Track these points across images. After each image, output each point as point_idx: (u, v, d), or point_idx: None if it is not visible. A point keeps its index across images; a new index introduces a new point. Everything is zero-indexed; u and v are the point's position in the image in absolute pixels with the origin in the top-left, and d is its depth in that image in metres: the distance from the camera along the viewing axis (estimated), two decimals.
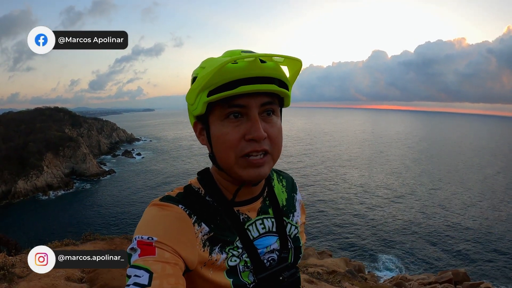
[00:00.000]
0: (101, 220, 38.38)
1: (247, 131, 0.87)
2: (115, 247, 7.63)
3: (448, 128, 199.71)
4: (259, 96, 0.88)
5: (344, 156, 79.70)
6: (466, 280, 16.91)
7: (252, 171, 0.90)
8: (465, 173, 61.60)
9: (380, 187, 50.68)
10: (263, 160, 0.90)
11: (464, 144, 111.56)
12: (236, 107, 0.87)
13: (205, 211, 0.96)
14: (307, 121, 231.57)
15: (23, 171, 48.93)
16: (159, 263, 0.77)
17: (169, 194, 0.99)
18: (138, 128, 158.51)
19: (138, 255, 0.80)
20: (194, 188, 1.02)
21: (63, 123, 67.78)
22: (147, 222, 0.89)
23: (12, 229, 29.47)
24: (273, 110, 0.92)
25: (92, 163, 60.19)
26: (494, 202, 43.26)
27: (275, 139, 0.92)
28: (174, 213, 0.91)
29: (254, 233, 1.02)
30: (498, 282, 23.24)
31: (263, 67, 0.87)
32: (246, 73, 0.84)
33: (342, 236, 32.08)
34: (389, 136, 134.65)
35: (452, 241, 30.69)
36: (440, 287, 14.15)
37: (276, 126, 0.93)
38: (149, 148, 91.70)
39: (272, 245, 1.05)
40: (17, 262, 6.01)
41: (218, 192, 1.01)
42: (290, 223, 1.14)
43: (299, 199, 1.26)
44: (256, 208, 1.06)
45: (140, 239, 0.82)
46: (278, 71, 0.90)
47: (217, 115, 0.90)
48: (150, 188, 51.53)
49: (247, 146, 0.88)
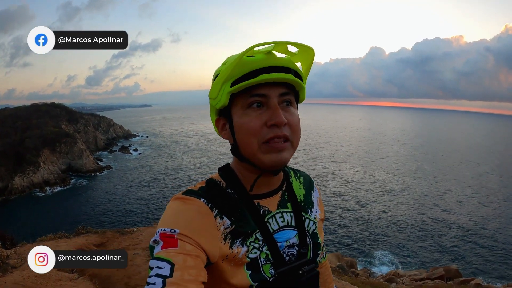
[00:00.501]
0: (97, 215, 38.44)
1: (269, 118, 0.91)
2: (107, 240, 7.77)
3: (445, 125, 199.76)
4: (278, 86, 0.93)
5: (341, 152, 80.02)
6: (457, 276, 17.09)
7: (274, 155, 0.93)
8: (460, 170, 61.99)
9: (376, 183, 50.96)
10: (284, 145, 0.94)
11: (460, 141, 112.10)
12: (258, 97, 0.92)
13: (226, 204, 0.98)
14: (305, 117, 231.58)
15: (19, 167, 48.89)
16: (181, 255, 0.79)
17: (191, 188, 1.01)
18: (135, 124, 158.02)
19: (160, 247, 0.81)
20: (215, 181, 1.04)
21: (59, 119, 67.52)
22: (169, 215, 0.90)
23: (8, 225, 29.49)
24: (290, 101, 0.98)
25: (89, 159, 60.15)
26: (488, 199, 43.65)
27: (294, 127, 0.96)
28: (196, 207, 0.93)
29: (274, 225, 1.05)
30: (490, 279, 23.45)
31: (279, 58, 0.94)
32: (265, 62, 0.90)
33: (336, 232, 32.30)
34: (386, 132, 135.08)
35: (447, 238, 31.02)
36: (431, 283, 14.30)
37: (295, 116, 0.98)
38: (146, 144, 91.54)
39: (292, 239, 1.08)
40: (12, 254, 6.19)
41: (239, 184, 1.04)
42: (309, 218, 1.18)
43: (316, 196, 1.29)
44: (275, 202, 1.09)
45: (163, 232, 0.84)
46: (293, 63, 0.97)
47: (240, 106, 0.95)
48: (147, 184, 51.64)
49: (269, 132, 0.92)
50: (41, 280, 4.94)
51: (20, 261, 5.93)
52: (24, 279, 4.87)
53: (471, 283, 13.47)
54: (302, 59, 1.03)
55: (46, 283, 4.89)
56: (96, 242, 7.55)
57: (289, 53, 1.00)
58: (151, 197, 45.07)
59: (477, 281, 14.62)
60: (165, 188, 48.95)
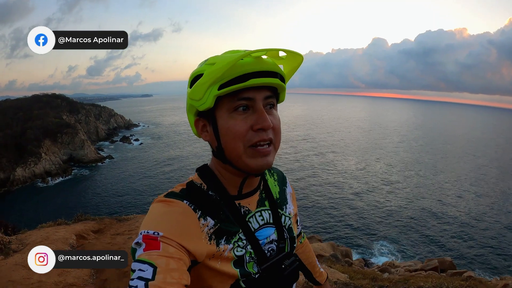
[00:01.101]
0: (97, 204, 38.89)
1: (255, 122, 0.93)
2: (104, 227, 8.01)
3: (446, 118, 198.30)
4: (263, 90, 0.95)
5: (341, 143, 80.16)
6: (452, 268, 17.25)
7: (260, 160, 0.95)
8: (458, 163, 62.15)
9: (375, 175, 51.12)
10: (269, 149, 0.96)
11: (461, 134, 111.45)
12: (244, 100, 0.93)
13: (209, 206, 1.00)
14: (306, 108, 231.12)
15: (21, 158, 49.23)
16: (163, 258, 0.79)
17: (173, 190, 1.02)
18: (136, 114, 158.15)
19: (143, 249, 0.81)
20: (196, 184, 1.05)
21: (60, 110, 67.53)
22: (152, 218, 0.91)
23: (10, 215, 29.76)
24: (274, 104, 1.01)
25: (90, 149, 60.46)
26: (485, 193, 43.92)
27: (277, 130, 0.99)
28: (179, 208, 0.94)
29: (254, 224, 1.08)
30: (482, 270, 23.84)
31: (268, 62, 0.95)
32: (255, 67, 0.91)
33: (333, 222, 32.65)
34: (386, 124, 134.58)
35: (444, 230, 31.32)
36: (424, 274, 14.48)
37: (277, 118, 1.00)
38: (147, 134, 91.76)
39: (271, 236, 1.12)
40: (13, 240, 6.50)
41: (221, 186, 1.05)
42: (284, 215, 1.22)
43: (289, 192, 1.34)
44: (255, 201, 1.12)
45: (145, 234, 0.84)
46: (278, 66, 0.98)
47: (225, 109, 0.95)
48: (148, 173, 52.05)
49: (255, 136, 0.93)
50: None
51: (21, 245, 6.24)
52: (24, 260, 5.16)
53: (463, 275, 13.62)
54: (289, 63, 1.07)
55: None
56: (94, 228, 7.81)
57: (279, 57, 1.05)
58: (150, 186, 45.44)
59: (469, 273, 14.78)
60: (165, 178, 49.29)
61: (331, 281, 6.37)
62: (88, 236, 7.31)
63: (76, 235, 7.08)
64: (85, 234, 7.33)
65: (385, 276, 11.45)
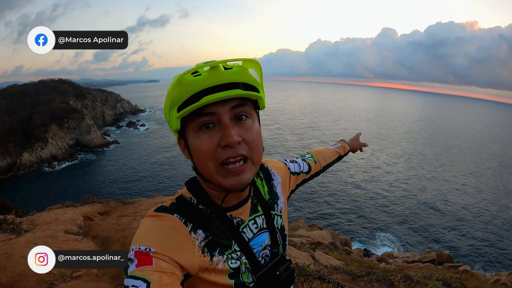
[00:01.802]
0: (103, 188, 39.44)
1: (220, 138, 0.89)
2: (110, 209, 8.33)
3: (453, 111, 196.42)
4: (227, 101, 0.90)
5: (346, 132, 79.77)
6: (449, 261, 17.51)
7: (233, 179, 0.92)
8: (463, 157, 61.93)
9: (381, 166, 51.31)
10: (243, 167, 0.92)
11: (466, 128, 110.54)
12: (206, 116, 0.89)
13: (200, 219, 0.98)
14: (312, 96, 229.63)
15: (28, 143, 49.67)
16: (156, 273, 0.78)
17: (163, 204, 1.00)
18: (143, 99, 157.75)
19: (135, 265, 0.80)
20: (186, 198, 1.03)
21: (67, 95, 67.71)
22: (143, 233, 0.90)
23: (18, 198, 30.13)
24: (246, 113, 0.94)
25: (97, 134, 60.88)
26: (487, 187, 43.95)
27: (251, 143, 0.93)
28: (170, 222, 0.93)
29: (248, 234, 1.07)
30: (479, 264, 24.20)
31: (224, 73, 0.89)
32: (206, 83, 0.87)
33: (337, 213, 32.94)
34: (393, 115, 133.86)
35: (445, 223, 31.63)
36: (421, 265, 14.69)
37: (252, 129, 0.95)
38: (153, 119, 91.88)
39: (265, 241, 1.12)
40: (24, 221, 6.85)
41: (209, 200, 1.03)
42: (277, 214, 1.21)
43: (278, 182, 1.30)
44: (247, 210, 1.10)
45: (137, 250, 0.83)
46: (243, 75, 0.92)
47: (191, 128, 0.92)
48: (152, 158, 52.56)
49: (223, 153, 0.89)
50: (51, 239, 5.56)
51: (31, 226, 6.59)
52: (36, 238, 5.50)
53: (459, 268, 13.82)
54: (253, 67, 0.99)
55: (55, 242, 5.50)
56: (100, 210, 8.15)
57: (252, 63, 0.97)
58: (156, 172, 45.86)
59: (465, 267, 14.98)
60: (170, 163, 49.74)
61: (322, 265, 6.57)
62: (95, 217, 7.62)
63: (84, 217, 7.41)
64: (92, 216, 7.65)
65: (381, 266, 11.70)
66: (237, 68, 0.92)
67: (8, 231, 6.05)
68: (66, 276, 4.35)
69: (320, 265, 6.30)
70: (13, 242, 5.30)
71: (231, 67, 0.91)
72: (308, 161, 1.56)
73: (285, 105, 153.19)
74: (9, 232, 6.00)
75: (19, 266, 4.34)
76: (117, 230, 6.46)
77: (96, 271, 4.55)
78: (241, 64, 0.94)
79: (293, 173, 1.43)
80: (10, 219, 6.50)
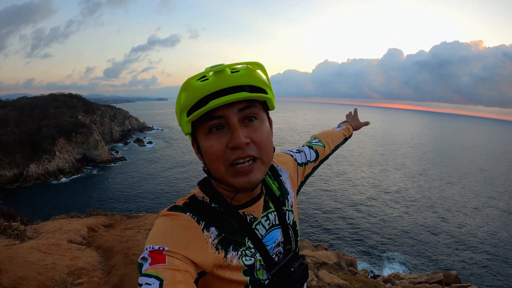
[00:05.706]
0: (108, 202, 39.29)
1: (229, 140, 0.91)
2: (115, 222, 8.35)
3: (459, 131, 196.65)
4: (234, 104, 0.92)
5: (351, 153, 79.54)
6: (457, 282, 17.16)
7: (242, 179, 0.94)
8: (469, 175, 61.55)
9: (388, 186, 50.74)
10: (251, 166, 0.94)
11: (474, 148, 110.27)
12: (215, 119, 0.92)
13: (213, 217, 1.00)
14: (320, 117, 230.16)
15: (35, 155, 49.96)
16: (169, 271, 0.79)
17: (176, 204, 1.02)
18: (151, 117, 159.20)
19: (149, 264, 0.81)
20: (198, 198, 1.05)
21: (76, 110, 68.31)
22: (157, 232, 0.91)
23: (24, 208, 30.19)
24: (255, 114, 0.96)
25: (104, 149, 61.15)
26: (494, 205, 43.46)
27: (260, 143, 0.95)
28: (183, 221, 0.94)
29: (261, 231, 1.09)
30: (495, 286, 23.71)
31: (231, 77, 0.90)
32: (213, 87, 0.88)
33: (342, 232, 32.47)
34: (400, 135, 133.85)
35: (452, 243, 31.00)
36: (428, 286, 14.47)
37: (261, 130, 0.97)
38: (161, 137, 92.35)
39: (278, 238, 1.13)
40: (28, 229, 6.89)
41: (222, 199, 1.05)
42: (288, 210, 1.22)
43: (286, 177, 1.32)
44: (260, 207, 1.12)
45: (151, 249, 0.84)
46: (249, 77, 0.93)
47: (202, 131, 0.95)
48: (159, 176, 52.36)
49: (232, 155, 0.92)
50: (54, 247, 5.56)
51: (36, 233, 6.61)
52: (39, 245, 5.51)
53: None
54: (259, 69, 1.00)
55: (58, 250, 5.50)
56: (105, 223, 8.16)
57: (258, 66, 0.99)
58: (161, 189, 45.76)
59: (472, 287, 14.76)
60: (176, 181, 49.65)
61: (326, 282, 6.51)
62: (99, 229, 7.64)
63: (88, 228, 7.42)
64: (96, 227, 7.67)
65: (387, 287, 11.53)
66: (243, 71, 0.93)
67: (12, 236, 6.07)
68: (67, 282, 4.33)
69: (323, 283, 6.23)
70: (17, 247, 5.34)
71: (237, 70, 0.93)
72: (316, 147, 1.60)
73: (292, 125, 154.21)
74: (13, 238, 6.02)
75: (21, 270, 4.35)
76: (120, 241, 6.45)
77: (97, 279, 4.54)
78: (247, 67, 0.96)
79: (300, 164, 1.45)
80: (14, 226, 6.53)
